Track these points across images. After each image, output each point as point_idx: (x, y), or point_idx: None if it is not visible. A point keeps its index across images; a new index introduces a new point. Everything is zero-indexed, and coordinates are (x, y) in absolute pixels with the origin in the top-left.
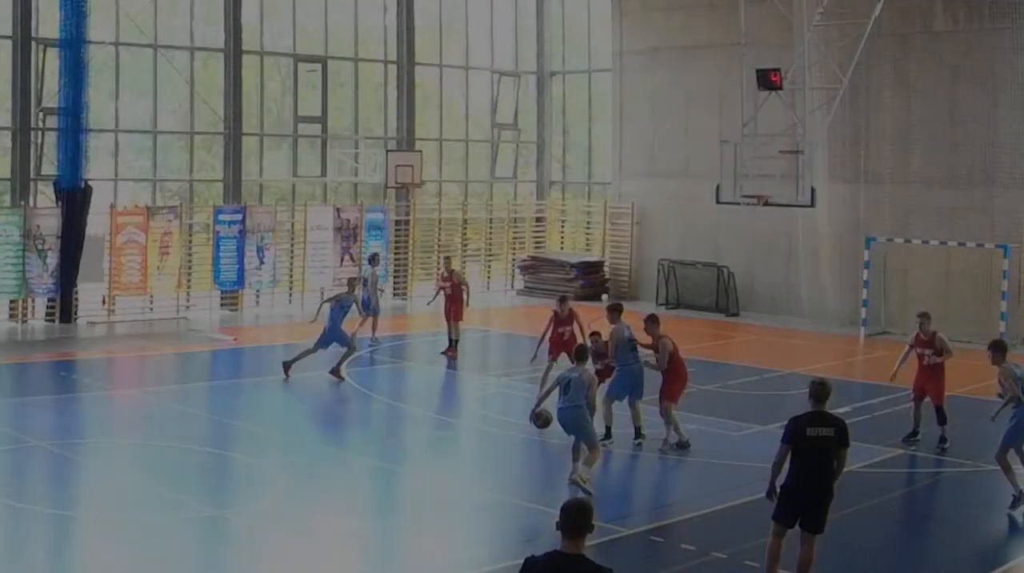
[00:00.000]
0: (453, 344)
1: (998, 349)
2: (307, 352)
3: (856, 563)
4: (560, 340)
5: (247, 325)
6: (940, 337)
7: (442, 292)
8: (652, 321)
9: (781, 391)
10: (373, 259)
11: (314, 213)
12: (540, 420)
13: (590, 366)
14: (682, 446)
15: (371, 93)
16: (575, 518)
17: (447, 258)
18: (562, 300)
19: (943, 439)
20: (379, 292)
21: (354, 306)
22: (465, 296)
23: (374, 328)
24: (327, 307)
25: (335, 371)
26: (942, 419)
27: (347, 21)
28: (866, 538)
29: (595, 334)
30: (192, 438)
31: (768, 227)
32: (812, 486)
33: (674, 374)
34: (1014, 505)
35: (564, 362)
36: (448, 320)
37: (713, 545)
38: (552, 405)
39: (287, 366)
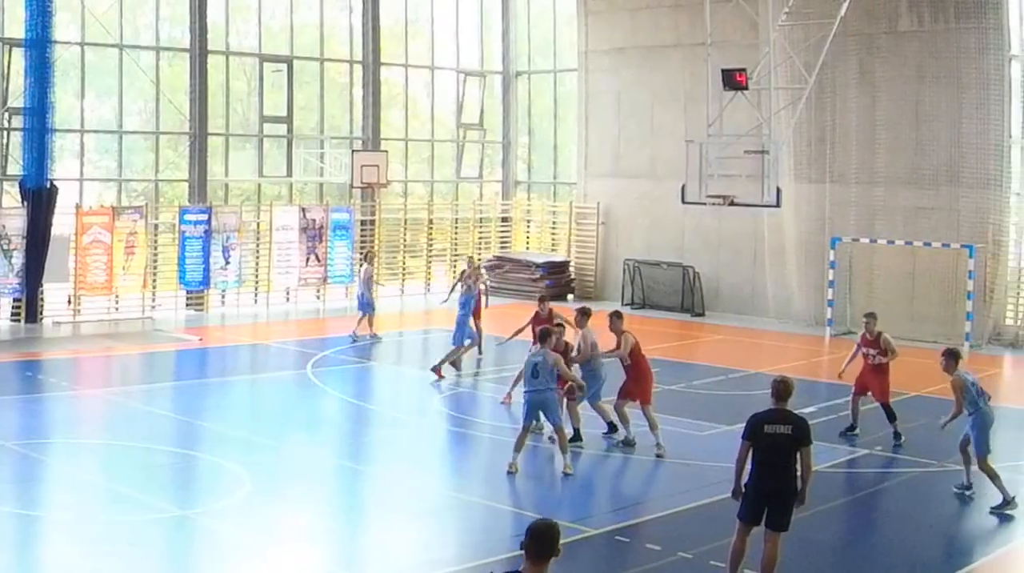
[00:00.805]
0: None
1: (951, 357)
2: (453, 352)
3: (821, 562)
4: None
5: (213, 325)
6: (885, 337)
7: (479, 294)
8: (616, 317)
9: (747, 391)
10: (368, 257)
11: (279, 213)
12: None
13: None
14: (628, 444)
15: (337, 93)
16: (543, 542)
17: (470, 258)
18: (542, 299)
19: (897, 435)
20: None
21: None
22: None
23: (371, 324)
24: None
25: (438, 367)
26: (891, 416)
27: (312, 21)
28: (831, 537)
29: (559, 325)
30: (158, 438)
31: (734, 227)
32: (772, 483)
33: (639, 372)
34: (1001, 507)
35: None
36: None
37: (678, 545)
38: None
39: (437, 368)
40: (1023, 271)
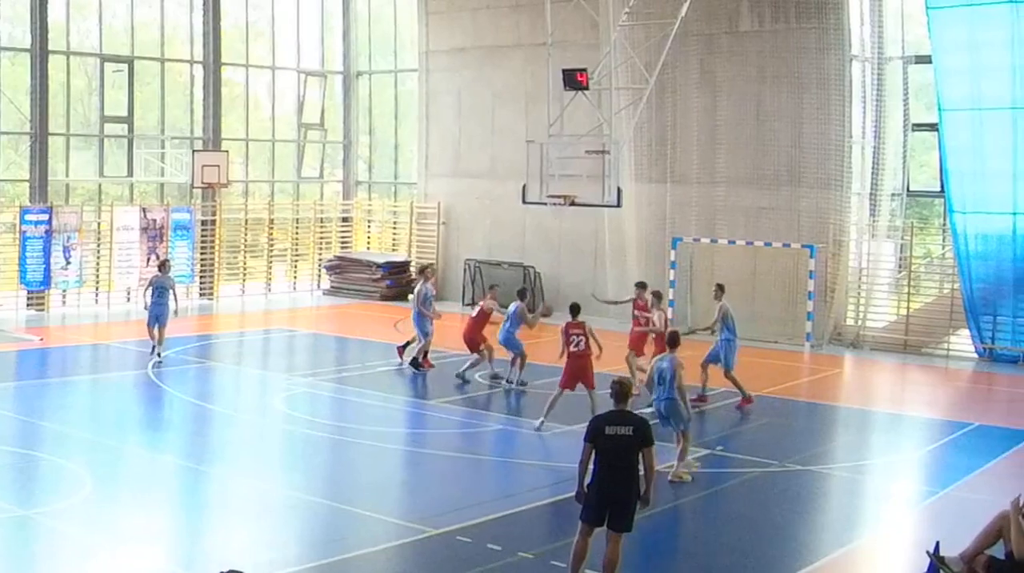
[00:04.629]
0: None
1: (720, 289)
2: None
3: (662, 562)
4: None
5: (54, 325)
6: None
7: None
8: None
9: (587, 392)
10: (163, 266)
11: (120, 213)
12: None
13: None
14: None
15: (178, 93)
16: None
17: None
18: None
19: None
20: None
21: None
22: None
23: (160, 337)
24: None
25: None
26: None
27: (154, 20)
28: (673, 537)
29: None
30: None
31: (574, 227)
32: (615, 485)
33: None
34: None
35: None
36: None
37: (520, 545)
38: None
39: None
40: (863, 271)
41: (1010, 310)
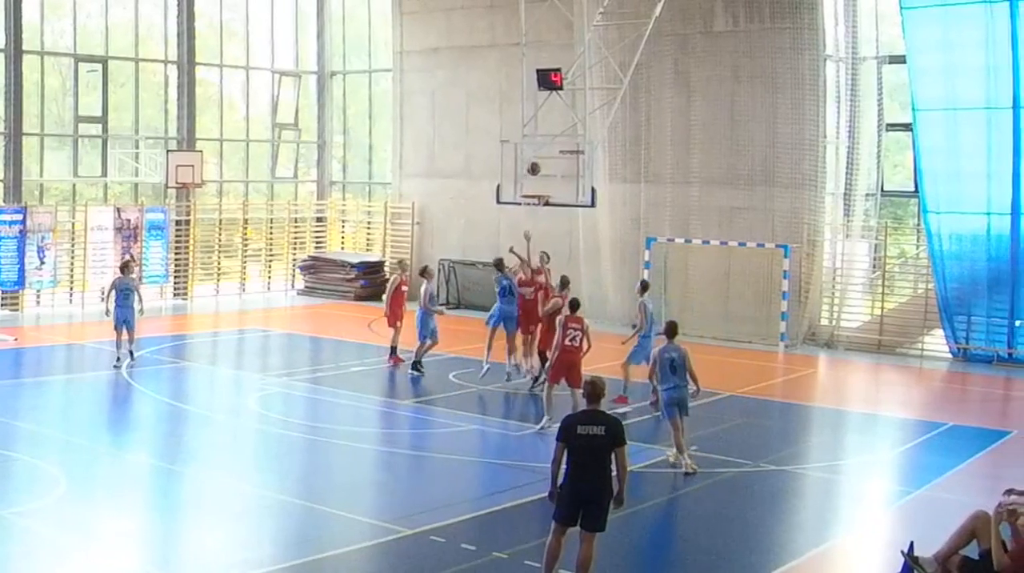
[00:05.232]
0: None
1: (644, 286)
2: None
3: (637, 562)
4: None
5: (28, 325)
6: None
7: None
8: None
9: (561, 392)
10: (125, 267)
11: (94, 213)
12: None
13: None
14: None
15: (152, 93)
16: None
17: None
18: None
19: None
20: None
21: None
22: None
23: (131, 339)
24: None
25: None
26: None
27: (128, 21)
28: (647, 537)
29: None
30: None
31: (549, 227)
32: (587, 484)
33: None
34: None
35: None
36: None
37: (494, 545)
38: None
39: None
40: (837, 271)
41: (984, 310)
